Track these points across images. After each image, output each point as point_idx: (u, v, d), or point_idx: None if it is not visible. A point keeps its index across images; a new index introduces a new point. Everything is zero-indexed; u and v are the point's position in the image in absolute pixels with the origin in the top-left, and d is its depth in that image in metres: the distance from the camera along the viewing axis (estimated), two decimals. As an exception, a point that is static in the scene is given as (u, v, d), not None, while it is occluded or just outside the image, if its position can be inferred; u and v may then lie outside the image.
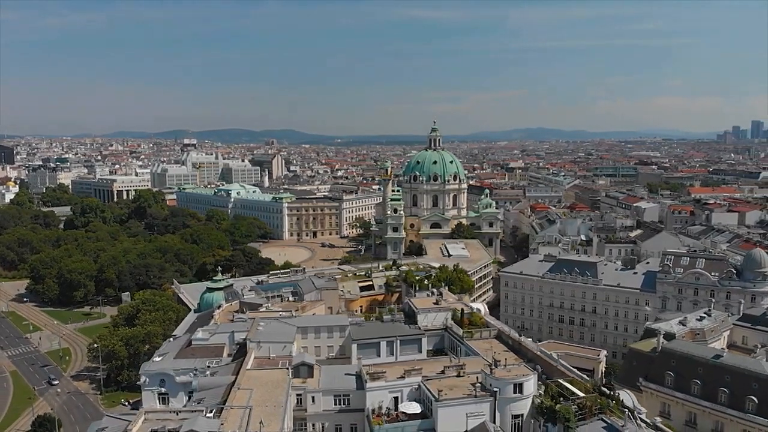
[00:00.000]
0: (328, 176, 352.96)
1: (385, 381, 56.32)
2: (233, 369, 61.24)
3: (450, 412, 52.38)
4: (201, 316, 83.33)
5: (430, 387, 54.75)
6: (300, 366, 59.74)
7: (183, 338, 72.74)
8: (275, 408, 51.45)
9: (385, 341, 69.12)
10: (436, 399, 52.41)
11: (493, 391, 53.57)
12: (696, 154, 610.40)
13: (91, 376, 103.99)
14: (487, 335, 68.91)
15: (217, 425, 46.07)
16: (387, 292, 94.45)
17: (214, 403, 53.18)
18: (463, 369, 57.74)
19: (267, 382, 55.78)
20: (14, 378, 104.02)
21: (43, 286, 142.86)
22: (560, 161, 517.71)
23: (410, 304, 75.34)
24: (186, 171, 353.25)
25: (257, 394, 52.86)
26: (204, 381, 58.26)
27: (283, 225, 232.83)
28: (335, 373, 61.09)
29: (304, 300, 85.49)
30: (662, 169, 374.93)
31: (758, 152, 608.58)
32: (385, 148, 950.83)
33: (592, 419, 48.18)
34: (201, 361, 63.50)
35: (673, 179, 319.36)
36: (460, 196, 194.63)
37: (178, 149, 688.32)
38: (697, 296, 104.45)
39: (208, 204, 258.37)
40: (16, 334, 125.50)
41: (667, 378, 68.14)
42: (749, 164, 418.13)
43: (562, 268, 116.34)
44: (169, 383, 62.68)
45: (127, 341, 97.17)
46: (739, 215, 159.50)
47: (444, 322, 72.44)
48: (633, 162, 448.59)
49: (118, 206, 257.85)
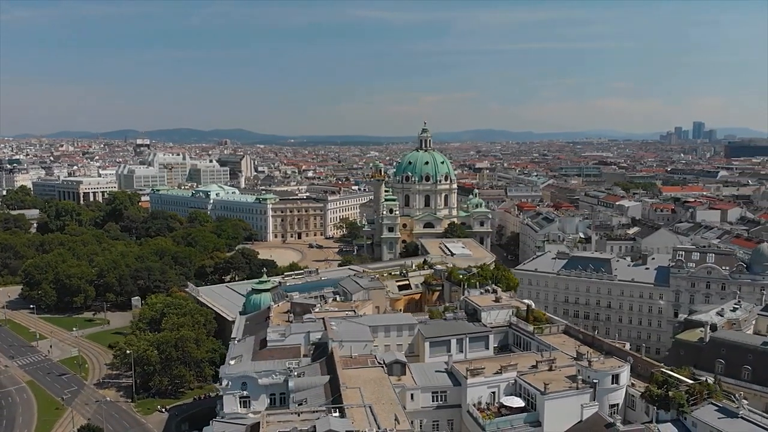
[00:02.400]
0: (301, 177, 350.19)
1: (484, 377, 57.72)
2: (320, 369, 61.45)
3: (555, 404, 54.36)
4: (252, 318, 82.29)
5: (531, 381, 56.61)
6: (394, 364, 60.49)
7: (248, 340, 72.00)
8: (392, 405, 52.24)
9: (455, 339, 70.46)
10: (542, 392, 54.22)
11: (593, 383, 55.91)
12: (646, 154, 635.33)
13: (116, 383, 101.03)
14: (556, 330, 71.25)
15: (349, 424, 46.31)
16: (427, 291, 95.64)
17: (319, 403, 53.46)
18: (554, 363, 59.82)
19: (369, 381, 56.36)
20: (33, 388, 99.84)
21: (39, 292, 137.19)
22: (520, 161, 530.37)
23: (470, 302, 76.91)
24: (154, 172, 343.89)
25: (366, 393, 53.41)
26: (300, 382, 58.18)
27: (267, 226, 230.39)
28: (426, 370, 62.12)
29: (353, 300, 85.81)
30: (623, 169, 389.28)
31: (704, 152, 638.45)
32: (343, 149, 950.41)
33: (702, 404, 50.87)
34: (280, 363, 63.31)
35: (637, 178, 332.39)
36: (451, 196, 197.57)
37: (131, 150, 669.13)
38: (709, 290, 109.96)
39: (185, 206, 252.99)
40: (20, 343, 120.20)
41: (717, 365, 71.94)
42: (703, 164, 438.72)
43: (576, 265, 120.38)
44: (251, 386, 62.35)
45: (158, 346, 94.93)
46: (721, 212, 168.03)
47: (507, 318, 74.38)
48: (591, 162, 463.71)
49: (89, 209, 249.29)
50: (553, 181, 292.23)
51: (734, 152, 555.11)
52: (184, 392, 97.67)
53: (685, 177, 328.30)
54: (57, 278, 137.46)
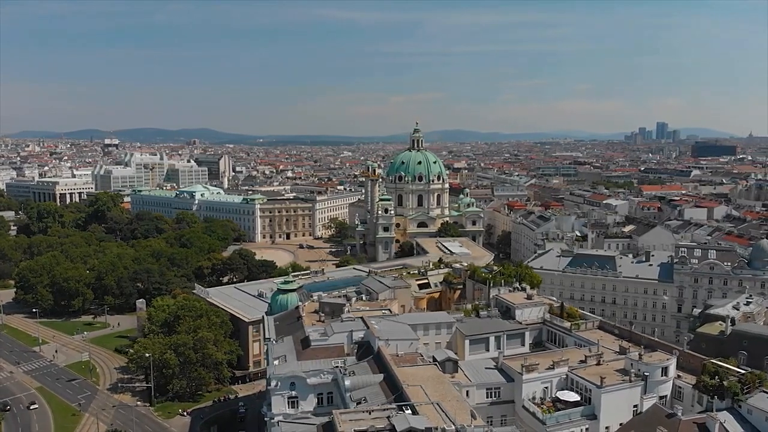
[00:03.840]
0: (282, 177, 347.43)
1: (537, 372, 58.79)
2: (369, 368, 61.63)
3: (611, 398, 55.79)
4: (282, 318, 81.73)
5: (585, 376, 57.92)
6: (446, 362, 61.11)
7: (286, 341, 71.59)
8: (458, 402, 52.83)
9: (494, 336, 71.40)
10: (599, 386, 55.56)
11: (644, 376, 57.55)
12: (615, 154, 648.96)
13: (130, 388, 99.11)
14: (591, 326, 72.85)
15: (426, 421, 46.69)
16: (448, 289, 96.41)
17: (380, 402, 53.75)
18: (602, 357, 61.30)
19: (427, 378, 56.85)
20: (44, 395, 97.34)
21: (35, 295, 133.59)
22: (493, 161, 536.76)
23: (503, 300, 78.01)
24: (131, 172, 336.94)
25: (429, 390, 53.80)
26: (355, 381, 58.17)
27: (255, 227, 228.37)
28: (476, 367, 62.89)
29: (379, 299, 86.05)
30: (598, 169, 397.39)
31: (670, 152, 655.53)
32: (315, 149, 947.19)
33: (755, 392, 52.86)
34: (326, 362, 63.28)
35: (613, 178, 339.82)
36: (443, 195, 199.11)
37: (99, 149, 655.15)
38: (711, 285, 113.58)
39: (169, 207, 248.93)
40: (22, 348, 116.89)
41: (740, 357, 74.43)
42: (674, 163, 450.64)
43: (581, 262, 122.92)
44: (299, 386, 62.16)
45: (176, 349, 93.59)
46: (708, 210, 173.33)
47: (541, 315, 75.72)
48: (566, 162, 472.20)
49: (68, 210, 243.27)
50: (535, 180, 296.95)
51: (701, 152, 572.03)
52: (202, 395, 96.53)
53: (660, 176, 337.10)
54: (53, 281, 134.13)
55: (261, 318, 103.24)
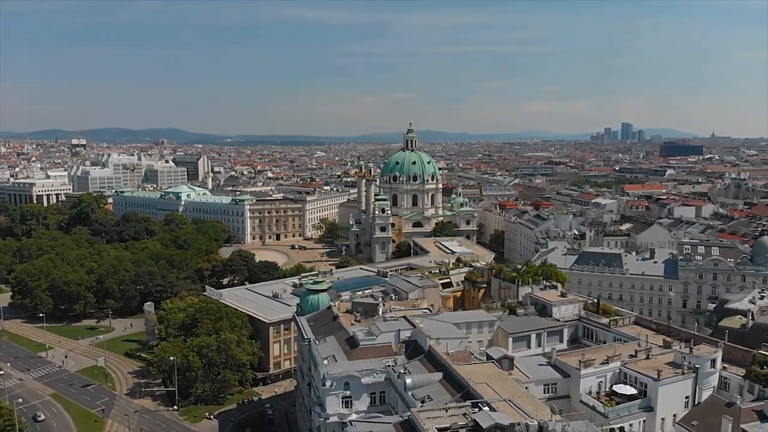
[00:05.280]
0: (264, 178, 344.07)
1: (594, 368, 60.13)
2: (423, 366, 62.11)
3: (667, 390, 57.57)
4: (315, 318, 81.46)
5: (640, 369, 59.51)
6: (503, 359, 61.93)
7: (329, 341, 71.50)
8: (528, 398, 53.67)
9: (535, 333, 72.71)
10: (656, 379, 57.21)
11: (695, 368, 59.44)
12: (585, 155, 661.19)
13: (149, 392, 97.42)
14: (628, 321, 74.76)
15: (507, 417, 47.39)
16: (472, 288, 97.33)
17: (445, 400, 54.35)
18: (651, 352, 63.04)
19: (489, 376, 57.59)
20: (60, 401, 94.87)
21: (35, 300, 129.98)
22: (467, 161, 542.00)
23: (538, 298, 79.42)
24: (109, 173, 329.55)
25: (495, 387, 54.54)
26: (416, 379, 58.62)
27: (245, 228, 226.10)
28: (529, 364, 63.91)
29: (409, 298, 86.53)
30: (574, 168, 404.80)
31: (638, 152, 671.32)
32: (286, 149, 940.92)
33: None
34: (377, 362, 63.91)
35: (591, 177, 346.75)
36: (437, 195, 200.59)
37: (67, 150, 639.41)
38: (715, 281, 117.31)
39: (154, 208, 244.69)
40: (26, 354, 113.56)
41: (763, 349, 77.39)
42: (646, 163, 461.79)
43: (588, 260, 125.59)
44: (353, 386, 62.52)
45: (199, 351, 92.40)
46: (696, 209, 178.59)
47: (577, 312, 77.30)
48: (541, 162, 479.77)
49: (50, 212, 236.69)
50: (519, 180, 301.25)
51: (669, 152, 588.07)
52: (225, 397, 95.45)
53: (636, 176, 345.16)
54: (53, 285, 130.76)
55: (281, 319, 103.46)
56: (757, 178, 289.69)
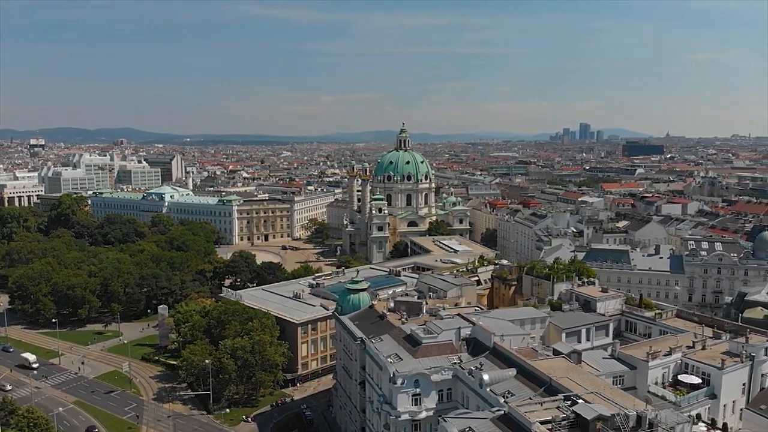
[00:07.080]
0: (239, 177, 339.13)
1: (660, 359, 62.33)
2: (491, 363, 63.19)
3: (729, 378, 60.32)
4: (359, 317, 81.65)
5: (702, 359, 62.06)
6: (572, 353, 63.50)
7: (386, 339, 71.80)
8: (612, 390, 55.31)
9: (585, 329, 74.71)
10: (720, 368, 59.82)
11: (752, 356, 62.35)
12: (549, 154, 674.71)
13: (179, 396, 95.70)
14: (670, 315, 77.51)
15: (605, 408, 48.84)
16: (502, 285, 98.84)
17: (527, 394, 55.62)
18: (705, 342, 65.72)
19: (565, 370, 58.92)
20: (85, 409, 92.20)
21: (36, 305, 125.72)
22: (437, 161, 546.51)
23: (580, 294, 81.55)
24: (81, 174, 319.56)
25: (578, 381, 56.03)
26: (493, 375, 59.63)
27: (233, 229, 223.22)
28: (594, 357, 65.70)
29: (448, 296, 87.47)
30: (546, 168, 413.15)
31: (599, 152, 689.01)
32: (249, 149, 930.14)
33: None
34: (442, 359, 64.98)
35: (565, 177, 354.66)
36: (429, 194, 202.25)
37: (25, 150, 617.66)
38: (719, 275, 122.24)
39: (136, 209, 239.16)
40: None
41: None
42: (610, 162, 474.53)
43: (596, 256, 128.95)
44: (423, 383, 63.32)
45: (233, 353, 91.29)
46: (682, 206, 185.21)
47: (619, 307, 79.75)
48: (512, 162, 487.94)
49: (28, 214, 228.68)
50: (500, 180, 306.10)
51: (631, 151, 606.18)
52: (257, 399, 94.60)
53: (608, 174, 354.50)
54: (55, 289, 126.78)
55: (309, 320, 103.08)
56: (724, 176, 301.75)
